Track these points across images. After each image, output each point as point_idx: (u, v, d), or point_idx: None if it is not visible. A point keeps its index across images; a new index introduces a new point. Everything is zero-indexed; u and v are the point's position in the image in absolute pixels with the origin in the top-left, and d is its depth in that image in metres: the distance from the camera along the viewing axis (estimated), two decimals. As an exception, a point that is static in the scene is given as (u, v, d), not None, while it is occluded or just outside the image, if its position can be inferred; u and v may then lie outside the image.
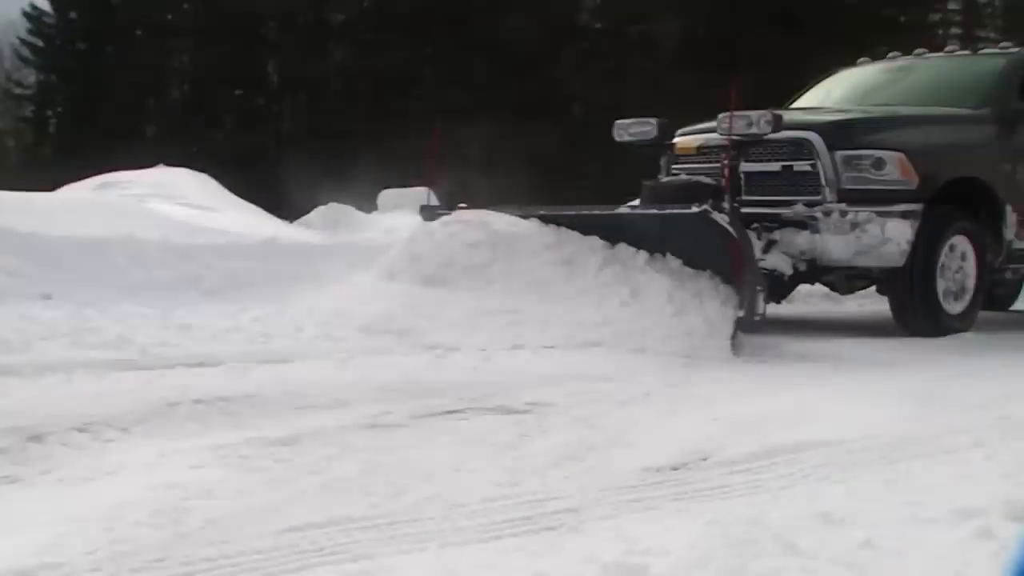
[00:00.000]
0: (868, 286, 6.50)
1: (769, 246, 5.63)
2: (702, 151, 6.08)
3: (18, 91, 30.24)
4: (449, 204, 6.08)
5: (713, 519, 2.25)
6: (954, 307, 5.94)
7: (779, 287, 5.85)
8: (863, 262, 5.72)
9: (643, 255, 5.17)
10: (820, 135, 5.75)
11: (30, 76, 29.74)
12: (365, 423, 3.20)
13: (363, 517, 2.27)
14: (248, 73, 25.89)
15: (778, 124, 5.42)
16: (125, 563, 1.95)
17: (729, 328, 4.82)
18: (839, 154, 5.69)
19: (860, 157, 5.71)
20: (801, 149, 5.76)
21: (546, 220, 5.45)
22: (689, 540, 2.10)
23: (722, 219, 4.85)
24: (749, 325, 4.91)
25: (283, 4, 25.23)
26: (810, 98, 7.58)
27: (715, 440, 3.06)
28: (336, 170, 15.63)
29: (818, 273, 5.99)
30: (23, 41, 28.68)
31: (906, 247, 5.63)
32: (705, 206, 4.84)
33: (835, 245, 5.60)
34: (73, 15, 28.00)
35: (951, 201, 5.94)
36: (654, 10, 21.58)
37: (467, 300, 5.13)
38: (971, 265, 6.03)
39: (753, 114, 5.41)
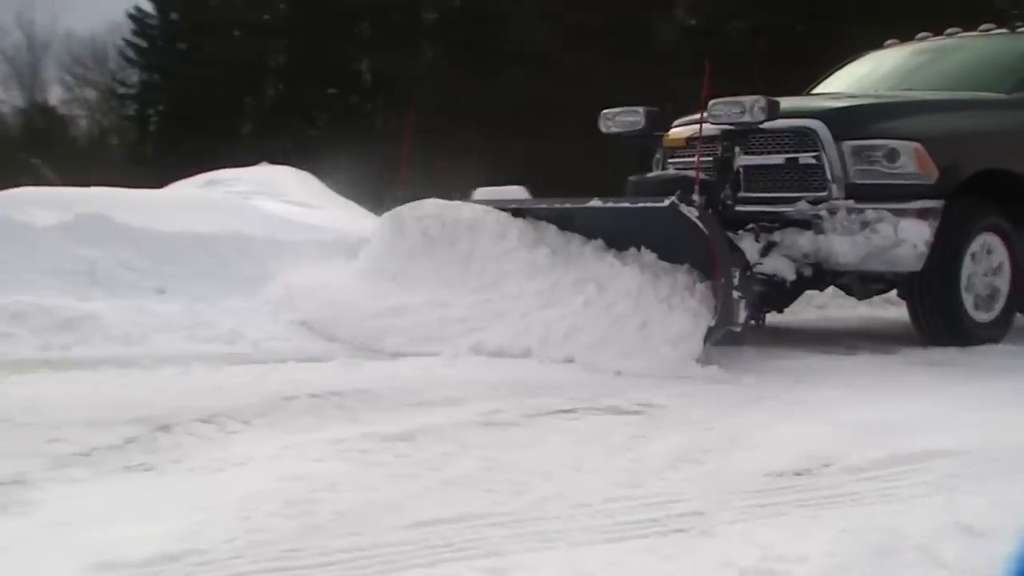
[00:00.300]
0: (887, 290, 5.82)
1: (769, 248, 5.06)
2: (692, 143, 5.44)
3: (122, 91, 31.24)
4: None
5: (847, 527, 2.19)
6: (983, 315, 5.31)
7: (781, 294, 5.21)
8: (874, 266, 5.09)
9: (612, 251, 4.73)
10: (825, 123, 5.12)
11: (133, 76, 30.70)
12: (479, 421, 3.20)
13: (488, 514, 2.27)
14: (341, 71, 26.29)
15: (774, 111, 4.86)
16: (263, 552, 1.98)
17: (699, 340, 4.22)
18: (847, 144, 5.07)
19: (871, 148, 5.07)
20: (804, 139, 5.15)
21: (515, 213, 5.02)
22: (825, 548, 2.04)
23: (691, 212, 4.28)
24: (728, 337, 4.33)
25: (376, 2, 25.57)
26: (831, 84, 6.96)
27: (836, 446, 2.98)
28: (429, 168, 15.76)
29: (825, 278, 5.35)
30: (127, 42, 29.66)
31: (923, 249, 5.04)
32: (672, 198, 4.29)
33: (842, 247, 4.99)
34: (175, 16, 28.83)
35: (979, 196, 5.30)
36: (747, 4, 21.24)
37: (421, 300, 4.88)
38: (1004, 268, 5.38)
39: (746, 100, 4.87)
